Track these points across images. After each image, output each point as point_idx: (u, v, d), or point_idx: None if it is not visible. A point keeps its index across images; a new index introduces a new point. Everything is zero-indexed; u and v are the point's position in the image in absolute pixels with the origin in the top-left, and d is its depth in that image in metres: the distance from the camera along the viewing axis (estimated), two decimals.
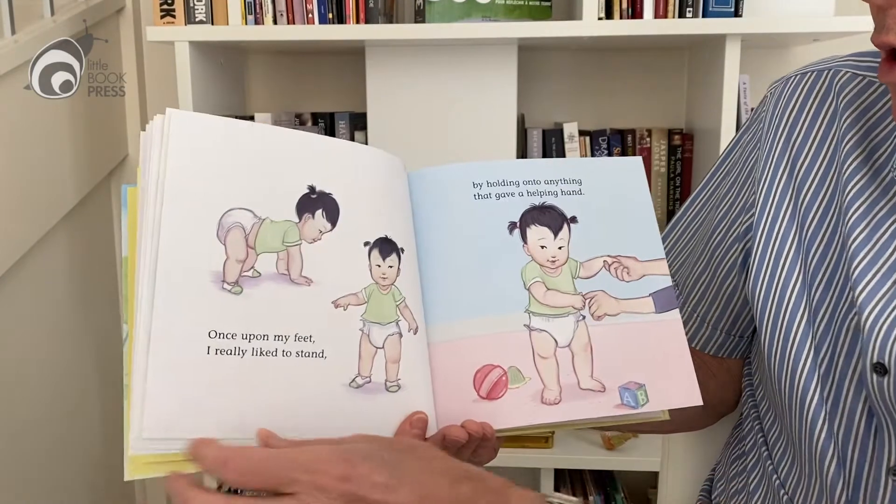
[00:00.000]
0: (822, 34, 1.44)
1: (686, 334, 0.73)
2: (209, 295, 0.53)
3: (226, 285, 0.54)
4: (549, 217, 0.66)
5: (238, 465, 0.45)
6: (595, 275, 0.65)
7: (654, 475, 1.73)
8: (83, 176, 1.63)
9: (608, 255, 0.65)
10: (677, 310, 0.65)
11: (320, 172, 0.60)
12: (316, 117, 1.70)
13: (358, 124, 1.65)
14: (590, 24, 1.40)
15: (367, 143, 1.56)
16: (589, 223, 0.66)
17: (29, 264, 1.47)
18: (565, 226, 0.65)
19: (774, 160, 0.67)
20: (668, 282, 0.66)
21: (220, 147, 0.57)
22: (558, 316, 0.63)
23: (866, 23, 1.42)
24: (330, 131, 1.68)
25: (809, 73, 0.68)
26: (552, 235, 0.65)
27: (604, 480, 1.77)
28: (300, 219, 0.58)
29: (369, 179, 0.62)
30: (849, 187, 0.62)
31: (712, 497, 0.78)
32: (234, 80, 1.73)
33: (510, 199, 0.65)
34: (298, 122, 1.70)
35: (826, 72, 0.67)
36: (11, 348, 1.44)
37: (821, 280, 0.63)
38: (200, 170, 0.55)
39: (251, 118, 1.58)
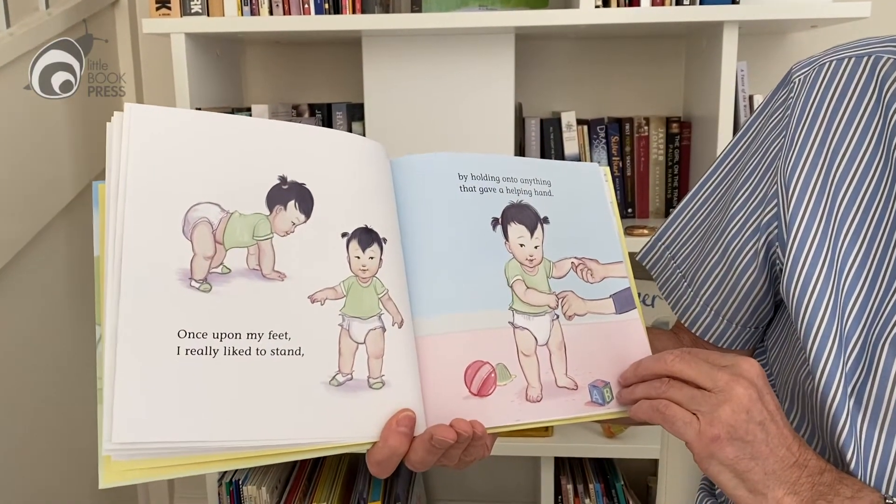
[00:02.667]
0: (819, 20, 1.44)
1: (698, 328, 0.74)
2: (177, 294, 0.51)
3: (194, 283, 0.52)
4: (526, 216, 0.66)
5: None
6: (565, 275, 0.66)
7: (655, 463, 1.73)
8: (80, 169, 1.62)
9: (574, 257, 0.67)
10: (636, 310, 0.67)
11: (292, 162, 0.58)
12: (313, 108, 1.69)
13: (355, 115, 1.65)
14: (587, 12, 1.40)
15: (364, 134, 1.56)
16: (558, 224, 0.67)
17: (27, 258, 1.47)
18: (539, 225, 0.66)
19: (812, 154, 0.63)
20: (626, 284, 0.68)
21: (183, 140, 0.54)
22: (537, 314, 0.63)
23: (864, 9, 1.42)
24: (327, 122, 1.67)
25: (847, 59, 0.64)
26: (529, 234, 0.65)
27: (604, 469, 1.77)
28: (271, 211, 0.56)
29: (347, 167, 0.60)
30: None
31: (715, 486, 0.78)
32: (230, 72, 1.72)
33: (492, 195, 0.65)
34: (296, 113, 1.70)
35: (866, 58, 0.63)
36: (10, 343, 1.44)
37: (866, 280, 0.60)
38: (163, 164, 0.53)
39: (248, 110, 1.58)
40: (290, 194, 0.57)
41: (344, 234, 0.58)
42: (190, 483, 1.97)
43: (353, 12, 1.45)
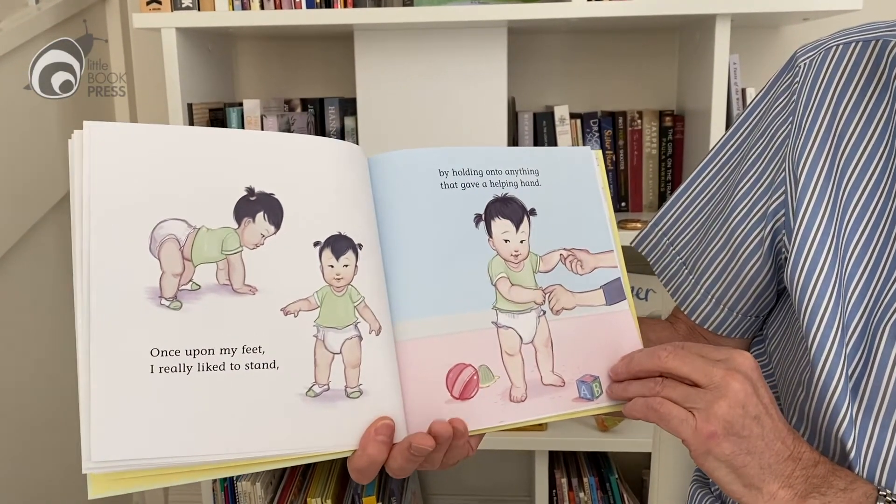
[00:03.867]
0: (811, 13, 1.44)
1: (698, 316, 0.73)
2: (147, 312, 0.51)
3: (164, 301, 0.52)
4: (511, 209, 0.64)
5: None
6: (553, 269, 0.65)
7: (649, 456, 1.74)
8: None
9: (563, 249, 0.65)
10: (626, 301, 0.66)
11: (259, 172, 0.57)
12: (305, 103, 1.69)
13: (348, 109, 1.65)
14: (579, 5, 1.40)
15: (356, 129, 1.55)
16: (546, 216, 0.65)
17: (20, 254, 1.47)
18: (525, 218, 0.65)
19: (819, 139, 0.62)
20: (617, 273, 0.66)
21: (145, 156, 0.54)
22: (522, 312, 0.62)
23: (856, 1, 1.42)
24: (320, 117, 1.67)
25: (854, 44, 0.63)
26: (514, 228, 0.64)
27: (598, 462, 1.78)
28: (239, 224, 0.55)
29: (318, 173, 0.59)
30: None
31: (708, 477, 0.78)
32: (222, 67, 1.72)
33: (475, 190, 0.63)
34: (288, 108, 1.69)
35: (873, 42, 0.62)
36: (5, 340, 1.43)
37: (867, 266, 0.60)
38: (126, 182, 0.53)
39: (240, 105, 1.57)
40: (259, 206, 0.56)
41: (316, 243, 0.57)
42: None
43: (345, 6, 1.44)
